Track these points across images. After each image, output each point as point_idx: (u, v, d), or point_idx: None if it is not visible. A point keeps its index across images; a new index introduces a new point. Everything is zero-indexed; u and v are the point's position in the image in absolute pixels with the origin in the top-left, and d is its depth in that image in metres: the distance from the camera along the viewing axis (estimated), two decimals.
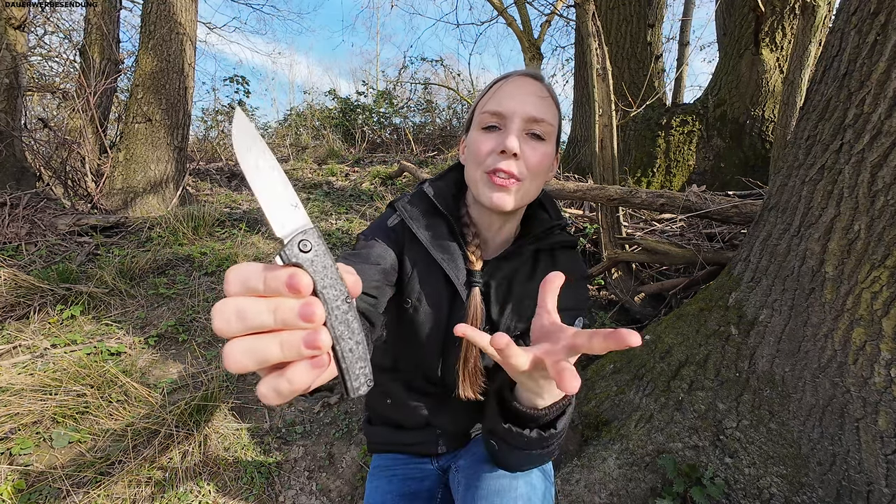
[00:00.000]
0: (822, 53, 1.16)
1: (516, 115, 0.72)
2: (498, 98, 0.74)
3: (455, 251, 0.80)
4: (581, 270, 0.85)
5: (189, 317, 2.00)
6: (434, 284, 0.81)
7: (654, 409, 1.27)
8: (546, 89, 0.76)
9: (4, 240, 2.50)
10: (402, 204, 0.84)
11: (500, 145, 0.71)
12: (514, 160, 0.72)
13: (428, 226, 0.81)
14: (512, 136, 0.71)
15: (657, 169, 3.57)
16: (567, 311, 0.77)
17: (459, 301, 0.80)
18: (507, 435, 0.62)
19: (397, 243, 0.82)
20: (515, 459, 0.69)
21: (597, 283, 2.31)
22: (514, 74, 0.76)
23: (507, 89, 0.74)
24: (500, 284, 0.82)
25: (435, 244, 0.79)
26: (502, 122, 0.73)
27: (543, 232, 0.83)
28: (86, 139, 3.36)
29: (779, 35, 3.18)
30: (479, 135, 0.74)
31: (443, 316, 0.81)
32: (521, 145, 0.72)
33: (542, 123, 0.73)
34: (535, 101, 0.73)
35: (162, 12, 3.44)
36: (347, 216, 3.50)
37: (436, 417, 0.91)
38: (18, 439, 1.30)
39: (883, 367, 0.96)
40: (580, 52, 4.38)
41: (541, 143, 0.74)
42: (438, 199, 0.81)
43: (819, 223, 1.08)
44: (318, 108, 8.19)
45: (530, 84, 0.74)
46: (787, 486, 1.04)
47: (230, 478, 1.31)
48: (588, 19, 2.17)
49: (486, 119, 0.74)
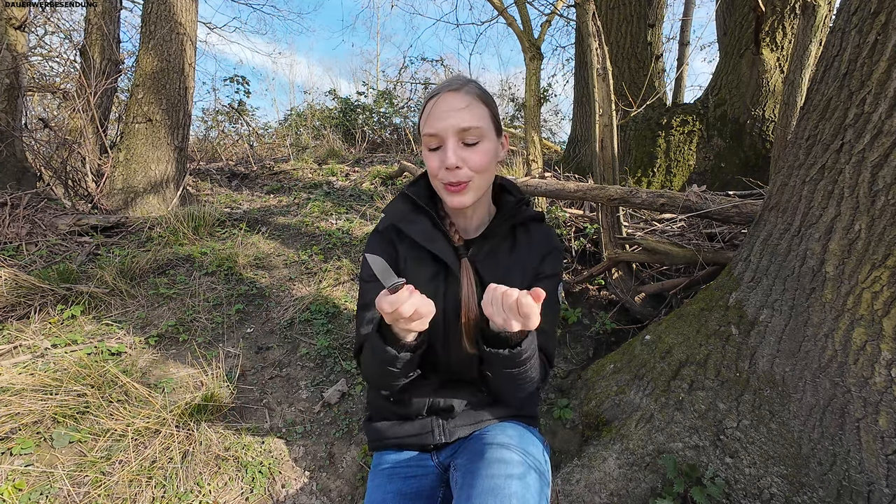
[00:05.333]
0: (823, 53, 1.16)
1: (447, 133, 0.83)
2: (431, 121, 0.86)
3: (439, 237, 0.93)
4: (557, 242, 1.02)
5: (189, 317, 2.00)
6: (426, 269, 0.94)
7: (655, 409, 1.27)
8: (468, 96, 0.85)
9: (5, 240, 2.50)
10: (388, 209, 0.98)
11: (443, 162, 0.85)
12: (459, 170, 0.84)
13: (413, 221, 0.94)
14: (449, 153, 0.83)
15: (657, 169, 3.57)
16: (553, 278, 0.98)
17: (452, 276, 0.93)
18: (489, 357, 0.83)
19: (390, 243, 0.97)
20: (504, 384, 0.89)
21: (597, 282, 2.31)
22: (441, 92, 0.87)
23: (436, 111, 0.85)
24: (486, 258, 0.95)
25: (421, 235, 0.93)
26: (439, 141, 0.85)
27: (511, 209, 0.98)
28: (86, 139, 3.36)
29: (779, 35, 3.18)
30: (427, 154, 0.89)
31: (440, 294, 0.93)
32: (461, 154, 0.84)
33: (471, 130, 0.84)
34: (461, 114, 0.83)
35: (162, 12, 3.44)
36: (348, 216, 3.50)
37: (436, 398, 0.98)
38: (18, 439, 1.30)
39: (883, 366, 0.96)
40: (580, 52, 4.38)
41: (477, 146, 0.85)
42: (419, 199, 0.96)
43: (819, 223, 1.08)
44: (318, 108, 8.19)
45: (453, 99, 0.84)
46: (788, 486, 1.04)
47: (230, 478, 1.31)
48: (588, 19, 2.17)
49: (427, 141, 0.87)
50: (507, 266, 0.96)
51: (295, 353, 1.88)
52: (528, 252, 0.98)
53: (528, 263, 0.97)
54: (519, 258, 0.97)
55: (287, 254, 2.72)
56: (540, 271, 0.98)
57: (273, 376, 1.75)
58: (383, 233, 0.98)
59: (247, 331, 1.98)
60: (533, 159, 3.90)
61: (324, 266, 2.53)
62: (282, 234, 3.07)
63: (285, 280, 2.41)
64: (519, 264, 0.97)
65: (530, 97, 4.19)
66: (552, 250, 1.00)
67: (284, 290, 2.31)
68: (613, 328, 1.99)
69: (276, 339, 1.96)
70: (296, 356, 1.87)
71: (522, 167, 3.98)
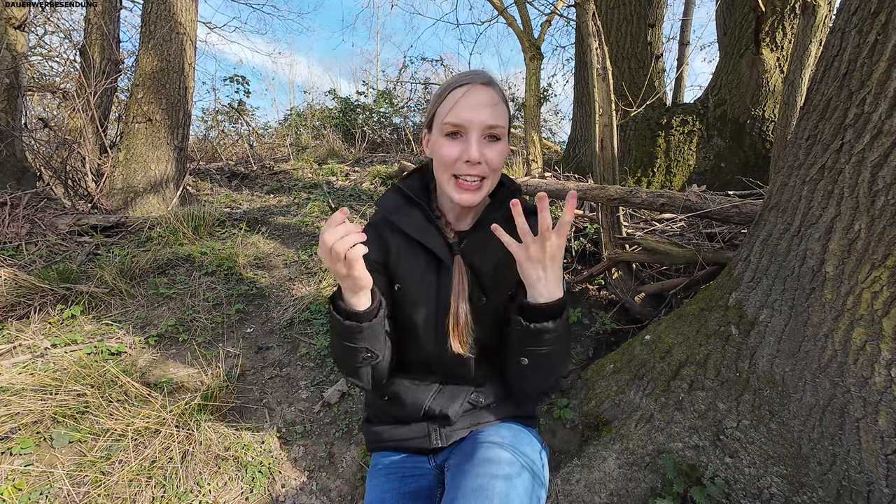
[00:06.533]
0: (823, 53, 1.16)
1: (475, 126, 0.81)
2: (457, 110, 0.82)
3: (432, 231, 0.92)
4: None
5: (189, 316, 2.00)
6: (418, 262, 0.92)
7: (655, 408, 1.27)
8: (497, 94, 0.85)
9: (5, 240, 2.50)
10: (381, 201, 0.97)
11: (464, 154, 0.82)
12: (479, 165, 0.83)
13: (405, 214, 0.93)
14: (474, 146, 0.81)
15: (657, 169, 3.57)
16: None
17: (445, 270, 0.91)
18: (531, 334, 0.80)
19: (381, 237, 0.95)
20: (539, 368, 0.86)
21: (597, 282, 2.31)
22: (471, 84, 0.84)
23: (466, 101, 0.82)
24: (479, 249, 0.93)
25: (414, 228, 0.91)
26: (463, 131, 0.82)
27: (504, 196, 0.95)
28: (86, 139, 3.36)
29: (779, 35, 3.18)
30: (443, 141, 0.84)
31: (432, 288, 0.91)
32: (483, 150, 0.82)
33: (497, 128, 0.83)
34: (491, 110, 0.82)
35: (162, 12, 3.44)
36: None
37: (432, 404, 0.96)
38: (18, 439, 1.30)
39: (883, 366, 0.96)
40: (580, 52, 4.38)
41: (498, 143, 0.84)
42: (412, 192, 0.94)
43: (819, 223, 1.07)
44: (318, 107, 8.19)
45: (485, 94, 0.83)
46: (788, 485, 1.04)
47: (230, 478, 1.31)
48: (588, 19, 2.17)
49: (447, 128, 0.83)
50: (500, 255, 0.93)
51: (295, 352, 1.89)
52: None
53: None
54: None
55: (287, 254, 2.72)
56: None
57: (273, 376, 1.75)
58: (375, 225, 0.96)
59: (247, 331, 1.98)
60: (533, 159, 3.90)
61: (324, 266, 2.53)
62: (282, 234, 3.07)
63: (285, 280, 2.41)
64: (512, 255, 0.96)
65: (530, 97, 4.19)
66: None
67: (284, 290, 2.31)
68: (613, 328, 1.99)
69: (276, 339, 1.96)
70: (296, 356, 1.87)
71: (522, 167, 3.98)
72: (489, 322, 0.93)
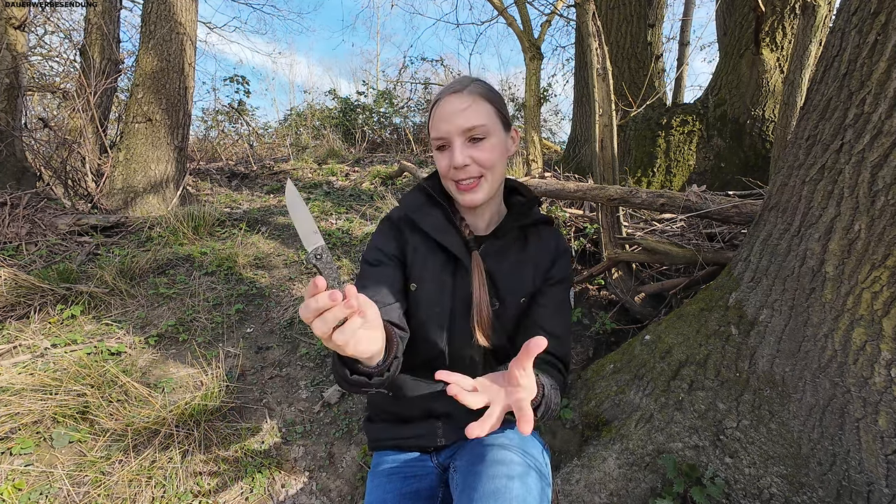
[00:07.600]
0: (823, 53, 1.16)
1: (454, 134, 0.85)
2: (436, 124, 0.88)
3: (451, 231, 0.94)
4: (566, 245, 1.04)
5: (189, 316, 2.00)
6: (435, 263, 0.94)
7: (654, 409, 1.27)
8: (470, 96, 0.87)
9: (4, 240, 2.50)
10: (405, 198, 1.00)
11: (452, 162, 0.86)
12: (468, 168, 0.86)
13: (427, 213, 0.95)
14: (456, 153, 0.85)
15: (657, 169, 3.57)
16: (564, 282, 1.00)
17: (461, 272, 0.93)
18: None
19: (400, 232, 0.97)
20: None
21: (597, 282, 2.31)
22: (443, 96, 0.89)
23: (440, 114, 0.87)
24: (496, 256, 0.96)
25: (434, 227, 0.94)
26: (446, 142, 0.87)
27: (522, 210, 1.00)
28: (86, 139, 3.36)
29: (779, 35, 3.18)
30: (437, 154, 0.91)
31: (447, 289, 0.93)
32: (468, 152, 0.86)
33: (476, 128, 0.85)
34: (464, 114, 0.85)
35: (162, 12, 3.44)
36: (347, 216, 3.49)
37: (436, 402, 0.96)
38: (18, 439, 1.30)
39: (883, 367, 0.96)
40: (580, 52, 4.38)
41: (483, 142, 0.87)
42: (435, 192, 0.97)
43: (819, 223, 1.07)
44: (318, 107, 8.19)
45: (457, 101, 0.86)
46: (787, 486, 1.04)
47: (230, 478, 1.31)
48: (588, 19, 2.17)
49: (436, 143, 0.90)
50: (516, 264, 0.97)
51: (295, 352, 1.88)
52: (538, 253, 0.99)
53: (538, 264, 0.99)
54: (529, 258, 0.98)
55: (287, 254, 2.72)
56: (550, 275, 0.99)
57: (273, 376, 1.75)
58: (395, 221, 0.98)
59: (247, 331, 1.98)
60: (533, 159, 3.90)
61: None
62: (282, 234, 3.06)
63: (285, 280, 2.41)
64: (529, 264, 0.98)
65: (530, 97, 4.19)
66: (562, 253, 1.01)
67: (284, 290, 2.31)
68: (613, 328, 1.99)
69: (275, 338, 1.96)
70: (296, 356, 1.87)
71: (522, 167, 3.99)
72: (500, 326, 0.95)
